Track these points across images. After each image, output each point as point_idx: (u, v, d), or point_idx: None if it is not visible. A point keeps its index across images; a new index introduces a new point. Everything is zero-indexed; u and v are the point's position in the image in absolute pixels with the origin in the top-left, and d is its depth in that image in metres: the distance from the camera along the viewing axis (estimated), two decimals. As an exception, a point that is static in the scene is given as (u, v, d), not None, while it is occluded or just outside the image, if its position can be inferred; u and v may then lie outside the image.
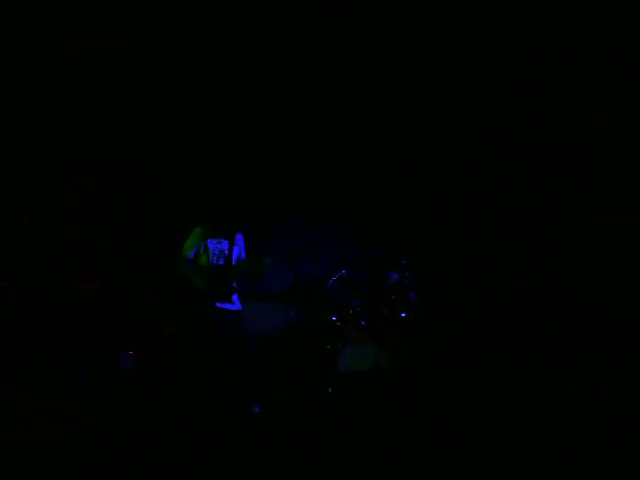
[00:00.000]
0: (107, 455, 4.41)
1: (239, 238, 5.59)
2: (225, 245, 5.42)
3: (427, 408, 5.35)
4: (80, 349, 6.13)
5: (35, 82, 6.68)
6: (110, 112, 6.92)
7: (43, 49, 6.47)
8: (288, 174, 7.23)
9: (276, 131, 7.20)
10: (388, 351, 6.04)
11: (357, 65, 6.88)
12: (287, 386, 6.07)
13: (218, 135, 7.10)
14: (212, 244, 5.39)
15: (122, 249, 6.85)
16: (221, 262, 5.39)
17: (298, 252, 7.06)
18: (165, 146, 7.05)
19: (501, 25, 6.47)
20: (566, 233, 6.65)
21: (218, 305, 5.34)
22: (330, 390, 5.79)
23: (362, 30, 6.71)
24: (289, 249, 7.12)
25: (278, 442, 4.86)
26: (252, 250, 5.66)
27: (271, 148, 7.18)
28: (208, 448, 4.67)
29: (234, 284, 5.46)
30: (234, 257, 5.48)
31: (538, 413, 5.00)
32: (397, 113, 7.16)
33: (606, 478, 3.99)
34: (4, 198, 6.73)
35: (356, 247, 7.06)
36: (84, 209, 6.96)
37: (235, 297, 5.48)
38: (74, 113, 6.86)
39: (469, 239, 6.95)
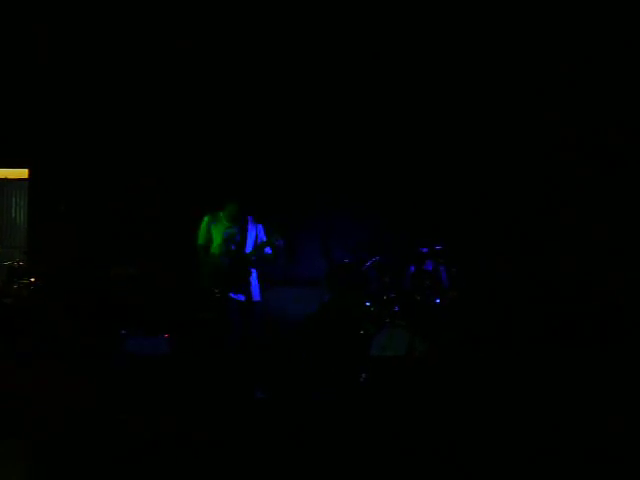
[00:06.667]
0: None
1: (258, 225, 5.56)
2: (236, 230, 5.39)
3: (459, 394, 5.39)
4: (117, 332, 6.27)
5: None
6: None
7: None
8: (321, 158, 7.27)
9: (305, 116, 7.25)
10: (422, 336, 6.06)
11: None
12: (322, 371, 6.13)
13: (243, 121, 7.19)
14: (223, 230, 5.37)
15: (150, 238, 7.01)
16: (232, 248, 5.35)
17: (332, 239, 7.12)
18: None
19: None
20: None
21: (232, 296, 5.32)
22: (365, 375, 5.84)
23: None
24: (323, 236, 7.18)
25: (313, 426, 4.94)
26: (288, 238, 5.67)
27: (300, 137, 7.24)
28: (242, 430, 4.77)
29: (249, 272, 5.45)
30: (250, 242, 5.44)
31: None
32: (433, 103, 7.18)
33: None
34: None
35: (390, 233, 7.08)
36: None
37: (252, 287, 5.44)
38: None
39: (503, 226, 6.93)
